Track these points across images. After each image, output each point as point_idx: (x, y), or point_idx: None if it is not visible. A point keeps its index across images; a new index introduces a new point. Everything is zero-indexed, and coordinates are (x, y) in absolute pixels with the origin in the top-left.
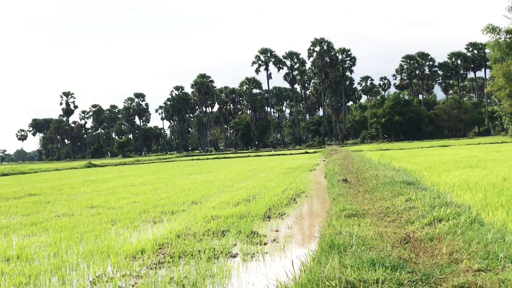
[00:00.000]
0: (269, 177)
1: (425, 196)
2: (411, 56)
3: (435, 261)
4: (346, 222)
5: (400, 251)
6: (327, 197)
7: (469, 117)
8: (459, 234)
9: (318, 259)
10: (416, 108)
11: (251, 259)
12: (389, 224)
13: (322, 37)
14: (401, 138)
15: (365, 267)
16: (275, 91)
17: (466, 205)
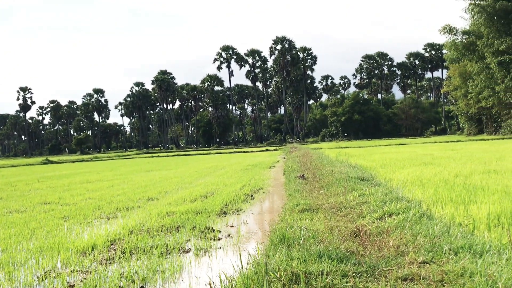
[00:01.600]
0: (228, 174)
1: (377, 192)
2: (371, 56)
3: (382, 254)
4: (299, 217)
5: (349, 244)
6: (284, 193)
7: (426, 116)
8: (408, 227)
9: (267, 252)
10: (375, 107)
11: (204, 254)
12: (341, 218)
13: (284, 36)
14: (360, 136)
15: (312, 259)
16: (237, 89)
17: (416, 200)
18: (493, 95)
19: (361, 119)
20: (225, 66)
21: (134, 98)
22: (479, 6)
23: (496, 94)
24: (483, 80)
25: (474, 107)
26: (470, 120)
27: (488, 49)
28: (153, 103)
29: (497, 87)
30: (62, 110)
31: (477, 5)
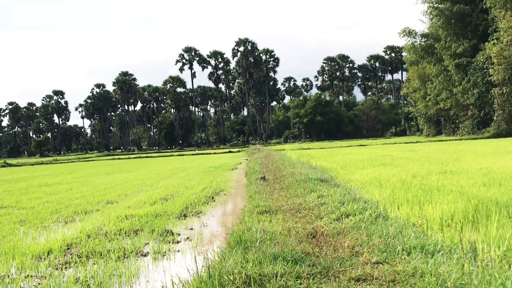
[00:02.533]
0: (190, 176)
1: (336, 193)
2: (332, 58)
3: (337, 255)
4: (258, 219)
5: (305, 245)
6: (245, 195)
7: (386, 118)
8: (363, 228)
9: (223, 255)
10: (337, 108)
11: (162, 257)
12: (299, 219)
13: (246, 38)
14: (323, 137)
15: (267, 262)
16: (200, 90)
17: (374, 201)
18: (451, 96)
19: (323, 121)
20: (188, 67)
21: (95, 100)
22: (437, 9)
23: (454, 96)
24: (441, 82)
25: (433, 109)
26: (429, 122)
27: (446, 52)
28: (114, 105)
29: (455, 89)
30: (21, 112)
31: (435, 8)
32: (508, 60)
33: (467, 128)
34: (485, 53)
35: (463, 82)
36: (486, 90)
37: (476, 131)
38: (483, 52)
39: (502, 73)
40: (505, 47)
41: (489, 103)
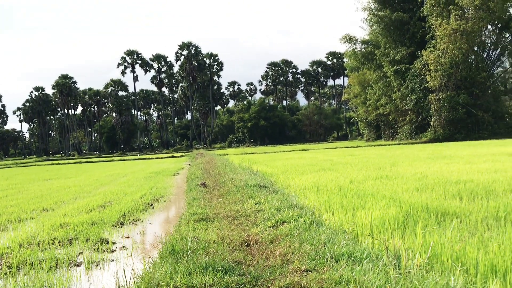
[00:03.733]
0: (130, 182)
1: (273, 199)
2: (276, 63)
3: (269, 263)
4: (194, 227)
5: (238, 254)
6: (185, 201)
7: (329, 123)
8: (297, 235)
9: (155, 265)
10: (281, 113)
11: (95, 267)
12: (236, 227)
13: (190, 41)
14: (267, 142)
15: (197, 272)
16: (142, 94)
17: (310, 207)
18: (390, 102)
19: (267, 125)
20: (130, 71)
21: (33, 103)
22: (377, 16)
23: (393, 101)
24: (380, 88)
25: (373, 114)
26: (369, 126)
27: (385, 58)
28: (54, 109)
29: (394, 94)
30: None
31: (375, 15)
32: (444, 67)
33: (405, 133)
34: (422, 60)
35: (402, 88)
36: (424, 96)
37: (414, 136)
38: (421, 59)
39: (438, 80)
40: (441, 54)
41: (426, 108)
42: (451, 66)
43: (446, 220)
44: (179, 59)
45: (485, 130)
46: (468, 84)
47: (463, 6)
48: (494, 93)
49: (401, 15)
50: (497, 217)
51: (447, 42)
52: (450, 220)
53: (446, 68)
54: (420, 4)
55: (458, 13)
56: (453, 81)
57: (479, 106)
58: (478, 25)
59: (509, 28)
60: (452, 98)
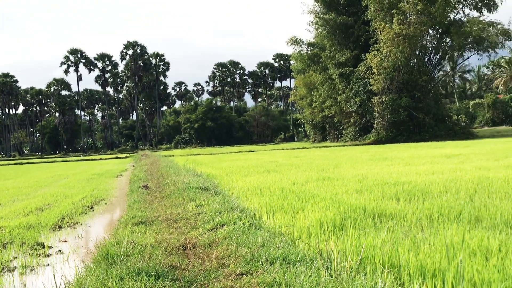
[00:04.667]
0: (71, 184)
1: (214, 202)
2: (223, 64)
3: (204, 267)
4: (132, 230)
5: (174, 258)
6: (126, 204)
7: (276, 124)
8: (235, 238)
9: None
10: (228, 114)
11: (30, 272)
12: (175, 230)
13: (135, 41)
14: (214, 143)
15: (129, 277)
16: (86, 94)
17: (251, 209)
18: (335, 104)
19: (214, 126)
20: (73, 70)
21: None
22: (322, 19)
23: (338, 103)
24: (326, 90)
25: (318, 116)
26: (315, 128)
27: (330, 61)
28: None
29: (339, 97)
30: None
31: (320, 18)
32: (387, 71)
33: (350, 135)
34: (366, 63)
35: (346, 90)
36: (367, 98)
37: (358, 138)
38: (365, 62)
39: (382, 83)
40: (384, 58)
41: (369, 111)
42: (393, 69)
43: (382, 222)
44: (124, 58)
45: (426, 132)
46: (410, 87)
47: (405, 11)
48: (435, 96)
49: (346, 18)
50: (430, 218)
51: (390, 46)
52: (386, 221)
53: (389, 72)
54: (364, 8)
55: (401, 18)
56: (395, 84)
57: (421, 109)
58: (420, 29)
59: (450, 33)
60: (394, 101)
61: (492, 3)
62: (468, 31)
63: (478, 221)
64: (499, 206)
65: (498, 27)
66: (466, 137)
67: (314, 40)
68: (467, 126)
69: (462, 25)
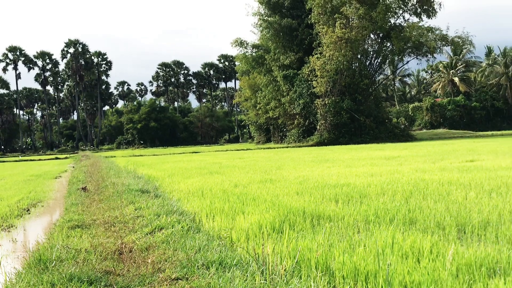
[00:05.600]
0: (7, 186)
1: (154, 205)
2: (167, 64)
3: (139, 272)
4: (68, 234)
5: (109, 263)
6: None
7: (220, 125)
8: (172, 242)
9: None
10: (172, 115)
11: None
12: (112, 234)
13: (77, 39)
14: (157, 144)
15: (61, 283)
16: (25, 92)
17: (191, 212)
18: (279, 106)
19: (157, 127)
20: (12, 68)
21: None
22: (266, 22)
23: (282, 105)
24: (270, 92)
25: (263, 117)
26: (260, 129)
27: (275, 63)
28: None
29: (283, 99)
30: None
31: (265, 20)
32: (330, 74)
33: (293, 136)
34: (310, 66)
35: (290, 92)
36: (311, 100)
37: (302, 139)
38: (308, 65)
39: (324, 86)
40: (327, 61)
41: (313, 113)
42: (336, 72)
43: (320, 224)
44: (65, 57)
45: (367, 135)
46: (352, 90)
47: (348, 15)
48: (376, 99)
49: (290, 21)
50: (367, 220)
51: (332, 49)
52: (324, 223)
53: (331, 75)
54: (308, 12)
55: (343, 22)
56: (338, 87)
57: (362, 112)
58: (361, 33)
59: (390, 38)
60: (337, 104)
61: (431, 9)
62: (407, 36)
63: (412, 223)
64: (433, 208)
65: (436, 32)
66: (405, 139)
67: (259, 42)
68: (406, 129)
69: (402, 30)
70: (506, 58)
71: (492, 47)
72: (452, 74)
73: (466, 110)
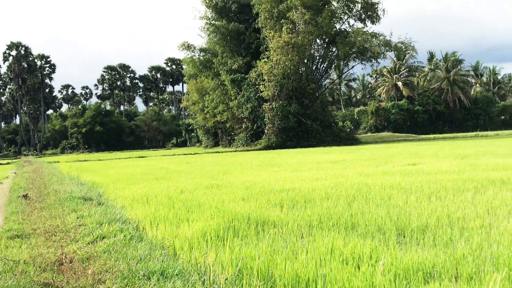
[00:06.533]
0: None
1: (97, 213)
2: (113, 67)
3: (79, 284)
4: (6, 245)
5: (48, 275)
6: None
7: (168, 129)
8: (114, 252)
9: None
10: (118, 118)
11: None
12: (53, 244)
13: (19, 41)
14: (103, 148)
15: None
16: None
17: (134, 220)
18: (227, 110)
19: (103, 131)
20: None
21: None
22: (214, 26)
23: (230, 109)
24: (218, 96)
25: (211, 121)
26: (208, 133)
27: (222, 67)
28: None
29: (231, 103)
30: None
31: (212, 24)
32: (277, 78)
33: (241, 140)
34: (257, 70)
35: (238, 96)
36: (259, 104)
37: (250, 143)
38: (256, 69)
39: (272, 90)
40: (274, 65)
41: (261, 117)
42: (283, 77)
43: (265, 230)
44: (7, 59)
45: (314, 138)
46: (299, 94)
47: (294, 20)
48: (322, 104)
49: (237, 25)
50: (310, 225)
51: (279, 54)
52: (268, 230)
53: (279, 79)
54: (255, 16)
55: (290, 27)
56: (285, 91)
57: (309, 116)
58: (308, 38)
59: (336, 43)
60: (284, 108)
61: (375, 15)
62: (352, 41)
63: (354, 228)
64: (374, 213)
65: (380, 38)
66: (350, 142)
67: (207, 45)
68: (351, 132)
69: (347, 36)
70: (447, 63)
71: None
72: (395, 79)
73: (409, 113)
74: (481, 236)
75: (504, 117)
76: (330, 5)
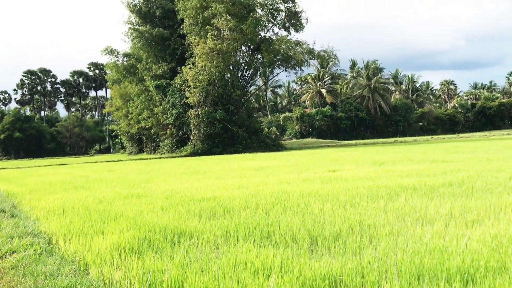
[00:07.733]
0: None
1: (8, 225)
2: (33, 71)
3: None
4: None
5: None
6: None
7: (91, 135)
8: (22, 268)
9: None
10: (38, 124)
11: None
12: None
13: None
14: (22, 155)
15: None
16: None
17: (48, 233)
18: (152, 116)
19: (23, 137)
20: None
21: None
22: (137, 31)
23: (154, 115)
24: (142, 101)
25: (135, 127)
26: (132, 140)
27: (147, 73)
28: None
29: (156, 109)
30: None
31: (136, 30)
32: (203, 84)
33: (167, 147)
34: (183, 76)
35: (163, 102)
36: (184, 111)
37: (175, 150)
38: (181, 75)
39: (197, 96)
40: (199, 71)
41: (186, 123)
42: (209, 83)
43: (181, 242)
44: None
45: (240, 144)
46: (225, 100)
47: (219, 27)
48: (248, 110)
49: (162, 31)
50: (227, 235)
51: (205, 60)
52: (184, 241)
53: (204, 85)
54: (180, 22)
55: (215, 33)
56: (211, 97)
57: (235, 122)
58: (233, 45)
59: (260, 50)
60: (210, 114)
61: (299, 23)
62: (277, 49)
63: (270, 237)
64: (290, 222)
65: (304, 46)
66: (276, 148)
67: (131, 50)
68: (277, 138)
69: (272, 43)
70: (368, 71)
71: (356, 61)
72: (319, 86)
73: (332, 120)
74: (388, 243)
75: (422, 123)
76: (254, 13)
